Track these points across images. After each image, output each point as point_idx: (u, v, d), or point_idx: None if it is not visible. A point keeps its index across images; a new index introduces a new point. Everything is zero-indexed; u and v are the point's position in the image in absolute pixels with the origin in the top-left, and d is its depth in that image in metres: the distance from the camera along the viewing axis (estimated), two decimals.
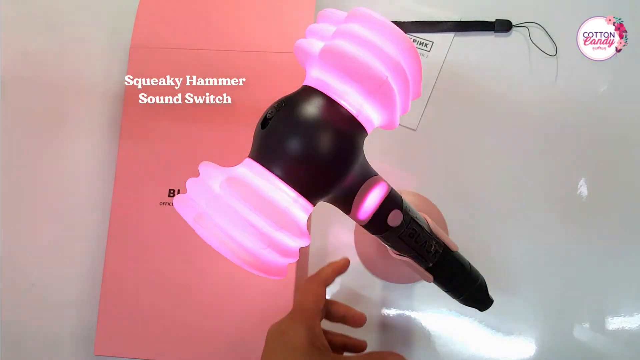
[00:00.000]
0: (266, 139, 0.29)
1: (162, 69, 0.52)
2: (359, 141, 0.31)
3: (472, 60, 0.56)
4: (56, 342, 0.53)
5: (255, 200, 0.27)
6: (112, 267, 0.49)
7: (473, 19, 0.57)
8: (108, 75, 0.58)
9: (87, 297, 0.53)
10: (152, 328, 0.48)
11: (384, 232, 0.35)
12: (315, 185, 0.30)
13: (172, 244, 0.49)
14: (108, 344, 0.48)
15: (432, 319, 0.52)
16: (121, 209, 0.50)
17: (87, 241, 0.55)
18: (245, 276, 0.47)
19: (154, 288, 0.49)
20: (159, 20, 0.54)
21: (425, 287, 0.52)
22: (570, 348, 0.51)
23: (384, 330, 0.52)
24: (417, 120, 0.56)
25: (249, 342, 0.47)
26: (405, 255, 0.38)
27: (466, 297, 0.41)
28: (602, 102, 0.55)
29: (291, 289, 0.47)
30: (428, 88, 0.56)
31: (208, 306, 0.48)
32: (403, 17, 0.57)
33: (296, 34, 0.33)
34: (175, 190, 0.50)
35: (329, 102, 0.29)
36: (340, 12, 0.31)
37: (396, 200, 0.35)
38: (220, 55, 0.52)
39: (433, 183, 0.55)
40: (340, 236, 0.54)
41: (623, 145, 0.54)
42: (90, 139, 0.57)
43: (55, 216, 0.56)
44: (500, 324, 0.52)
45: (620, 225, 0.52)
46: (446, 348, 0.52)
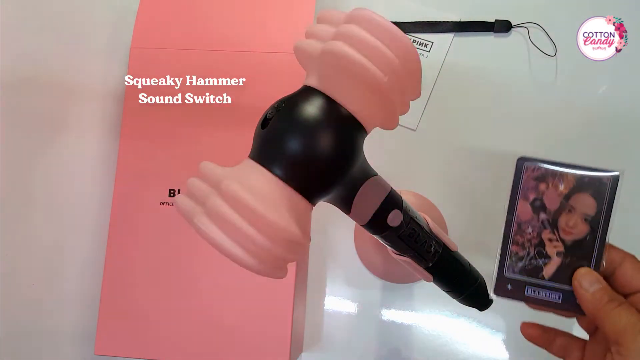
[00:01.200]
0: (266, 139, 0.29)
1: (162, 69, 0.52)
2: (359, 141, 0.31)
3: (472, 61, 0.57)
4: (56, 341, 0.54)
5: (255, 200, 0.27)
6: (112, 267, 0.49)
7: (473, 20, 0.57)
8: (108, 75, 0.58)
9: (87, 297, 0.53)
10: (152, 328, 0.48)
11: (384, 232, 0.35)
12: (315, 185, 0.30)
13: (172, 244, 0.49)
14: (108, 343, 0.48)
15: (432, 319, 0.52)
16: (121, 209, 0.50)
17: (87, 241, 0.55)
18: (245, 276, 0.47)
19: (154, 288, 0.49)
20: (159, 21, 0.54)
21: (425, 287, 0.52)
22: None
23: (384, 330, 0.52)
24: (417, 120, 0.56)
25: (249, 342, 0.47)
26: (405, 255, 0.38)
27: (466, 296, 0.41)
28: (602, 102, 0.55)
29: (291, 289, 0.47)
30: (428, 88, 0.56)
31: (208, 306, 0.48)
32: (403, 18, 0.58)
33: (296, 34, 0.33)
34: (175, 190, 0.50)
35: (329, 102, 0.29)
36: (340, 12, 0.31)
37: (396, 200, 0.35)
38: (220, 55, 0.52)
39: (433, 183, 0.55)
40: (340, 236, 0.54)
41: (623, 145, 0.54)
42: (90, 139, 0.57)
43: (55, 216, 0.56)
44: (500, 324, 0.52)
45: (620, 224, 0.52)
46: (446, 348, 0.52)
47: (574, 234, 0.33)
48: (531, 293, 0.34)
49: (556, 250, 0.33)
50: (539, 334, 0.37)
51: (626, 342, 0.30)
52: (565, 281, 0.33)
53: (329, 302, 0.53)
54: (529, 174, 0.34)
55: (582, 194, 0.33)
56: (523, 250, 0.34)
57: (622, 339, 0.30)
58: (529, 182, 0.34)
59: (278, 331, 0.47)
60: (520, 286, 0.34)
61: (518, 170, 0.34)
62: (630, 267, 0.32)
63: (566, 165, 0.33)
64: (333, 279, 0.54)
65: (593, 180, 0.33)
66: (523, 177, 0.34)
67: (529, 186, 0.34)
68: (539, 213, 0.34)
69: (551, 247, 0.33)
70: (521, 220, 0.34)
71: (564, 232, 0.33)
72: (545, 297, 0.34)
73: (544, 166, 0.33)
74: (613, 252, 0.33)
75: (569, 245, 0.33)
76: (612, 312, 0.31)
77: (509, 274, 0.34)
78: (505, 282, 0.34)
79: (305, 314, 0.53)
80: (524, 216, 0.34)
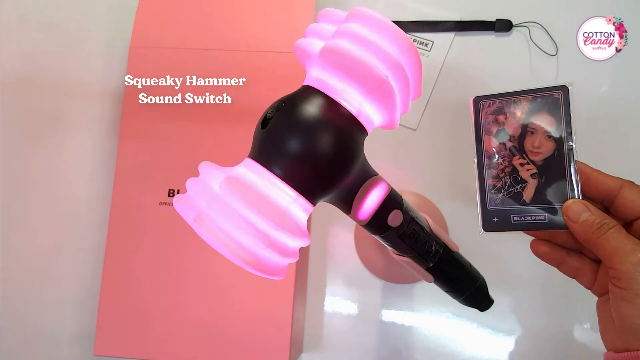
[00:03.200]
0: (266, 138, 0.29)
1: (162, 69, 0.52)
2: (359, 141, 0.31)
3: (473, 60, 0.56)
4: (56, 342, 0.53)
5: (255, 200, 0.27)
6: (112, 267, 0.49)
7: (473, 19, 0.57)
8: (108, 75, 0.58)
9: (87, 297, 0.53)
10: (152, 328, 0.48)
11: (384, 232, 0.35)
12: (316, 185, 0.30)
13: (172, 244, 0.49)
14: (108, 344, 0.48)
15: (432, 319, 0.52)
16: (121, 209, 0.50)
17: (87, 241, 0.55)
18: (245, 276, 0.47)
19: (153, 288, 0.49)
20: (159, 20, 0.54)
21: (426, 288, 0.52)
22: (570, 348, 0.51)
23: (384, 330, 0.52)
24: (417, 120, 0.56)
25: (249, 343, 0.47)
26: (406, 256, 0.38)
27: (466, 297, 0.41)
28: (602, 102, 0.55)
29: (291, 289, 0.47)
30: (428, 88, 0.56)
31: (208, 306, 0.48)
32: (403, 17, 0.57)
33: (296, 34, 0.33)
34: (175, 190, 0.50)
35: (329, 101, 0.29)
36: (340, 11, 0.31)
37: (396, 200, 0.35)
38: (220, 55, 0.52)
39: (433, 183, 0.55)
40: (340, 236, 0.54)
41: (623, 146, 0.54)
42: (90, 139, 0.57)
43: (55, 216, 0.56)
44: (500, 324, 0.52)
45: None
46: (446, 348, 0.52)
47: (542, 153, 0.34)
48: (517, 220, 0.35)
49: (529, 172, 0.34)
50: (548, 250, 0.37)
51: (616, 264, 0.30)
52: (546, 201, 0.34)
53: (329, 303, 0.53)
54: (486, 110, 0.35)
55: (538, 114, 0.34)
56: (499, 181, 0.35)
57: (612, 262, 0.30)
58: (487, 117, 0.35)
59: (278, 331, 0.47)
60: (506, 216, 0.35)
61: (476, 108, 0.36)
62: (629, 192, 0.33)
63: (517, 93, 0.35)
64: (333, 279, 0.54)
65: (545, 98, 0.34)
66: (482, 114, 0.36)
67: (489, 120, 0.35)
68: (504, 142, 0.35)
69: (524, 171, 0.35)
70: (490, 154, 0.35)
71: (532, 154, 0.34)
72: (532, 220, 0.34)
73: (498, 99, 0.35)
74: (609, 180, 0.33)
75: (540, 165, 0.34)
76: (601, 239, 0.31)
77: (492, 207, 0.35)
78: (491, 216, 0.35)
79: (305, 314, 0.53)
80: (491, 149, 0.35)
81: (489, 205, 0.35)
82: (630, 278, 0.29)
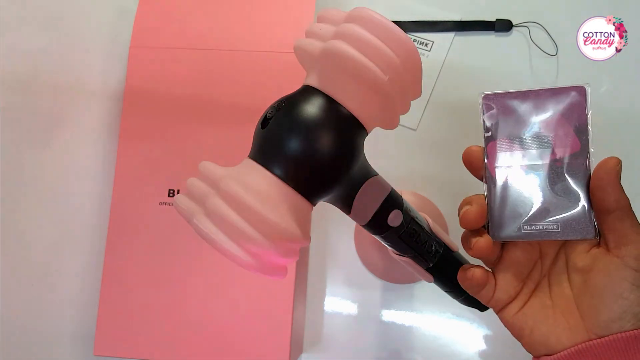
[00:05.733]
0: (266, 138, 0.29)
1: (162, 69, 0.52)
2: (359, 141, 0.31)
3: (473, 60, 0.56)
4: (56, 342, 0.53)
5: (255, 200, 0.27)
6: (112, 267, 0.49)
7: (473, 19, 0.57)
8: (108, 75, 0.58)
9: (87, 297, 0.53)
10: (152, 328, 0.48)
11: (384, 233, 0.35)
12: (315, 185, 0.30)
13: (172, 244, 0.49)
14: (107, 343, 0.48)
15: (432, 320, 0.52)
16: (121, 209, 0.50)
17: (87, 241, 0.55)
18: (245, 276, 0.47)
19: (153, 288, 0.49)
20: (158, 20, 0.54)
21: (426, 288, 0.52)
22: None
23: (384, 331, 0.52)
24: (417, 120, 0.56)
25: (249, 343, 0.47)
26: (406, 256, 0.38)
27: (467, 297, 0.41)
28: (602, 102, 0.55)
29: (291, 289, 0.47)
30: (429, 88, 0.56)
31: (208, 306, 0.48)
32: (403, 17, 0.57)
33: (296, 34, 0.33)
34: (175, 190, 0.50)
35: (329, 101, 0.29)
36: (340, 11, 0.31)
37: (396, 200, 0.35)
38: (220, 55, 0.52)
39: (433, 183, 0.55)
40: (340, 236, 0.54)
41: (623, 146, 0.54)
42: (90, 139, 0.57)
43: (55, 216, 0.56)
44: (500, 324, 0.52)
45: None
46: (446, 348, 0.52)
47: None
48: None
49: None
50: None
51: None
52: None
53: (329, 303, 0.53)
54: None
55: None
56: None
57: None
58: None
59: (278, 331, 0.47)
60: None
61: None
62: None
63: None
64: (333, 279, 0.54)
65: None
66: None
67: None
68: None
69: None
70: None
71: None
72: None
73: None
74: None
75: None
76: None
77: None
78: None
79: (305, 314, 0.53)
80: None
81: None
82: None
